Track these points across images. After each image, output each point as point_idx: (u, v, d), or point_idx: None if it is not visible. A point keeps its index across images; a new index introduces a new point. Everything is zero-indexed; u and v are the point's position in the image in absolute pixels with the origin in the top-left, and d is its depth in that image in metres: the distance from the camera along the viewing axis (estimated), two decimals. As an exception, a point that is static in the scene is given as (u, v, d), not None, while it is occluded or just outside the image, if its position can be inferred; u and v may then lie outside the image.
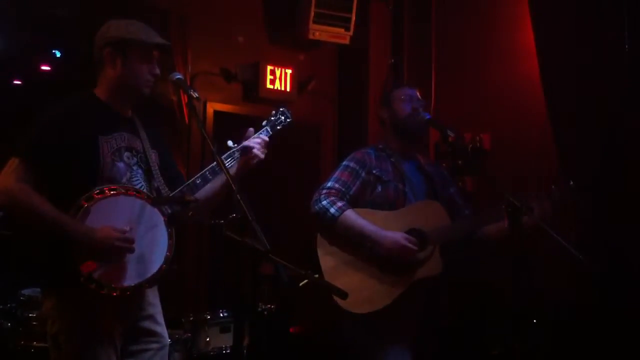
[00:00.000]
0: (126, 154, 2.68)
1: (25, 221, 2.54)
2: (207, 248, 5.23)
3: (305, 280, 2.46)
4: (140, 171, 2.71)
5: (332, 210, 3.16)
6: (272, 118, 3.06)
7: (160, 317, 2.79)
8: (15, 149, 2.54)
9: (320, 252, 3.20)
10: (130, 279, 2.55)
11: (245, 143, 2.85)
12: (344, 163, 3.34)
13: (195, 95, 2.66)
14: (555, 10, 4.46)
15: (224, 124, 5.43)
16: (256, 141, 2.86)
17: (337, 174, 3.30)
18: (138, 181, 2.69)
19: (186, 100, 4.68)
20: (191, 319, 4.22)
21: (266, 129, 3.00)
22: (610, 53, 4.19)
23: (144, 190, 2.67)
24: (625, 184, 4.07)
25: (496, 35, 5.32)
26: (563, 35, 4.41)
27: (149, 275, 2.59)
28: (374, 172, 3.28)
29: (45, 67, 4.94)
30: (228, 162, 2.82)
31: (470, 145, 5.28)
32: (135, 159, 2.70)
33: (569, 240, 2.83)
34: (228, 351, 4.20)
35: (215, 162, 2.66)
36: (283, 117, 3.09)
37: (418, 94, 3.43)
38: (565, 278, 4.19)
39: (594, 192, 4.04)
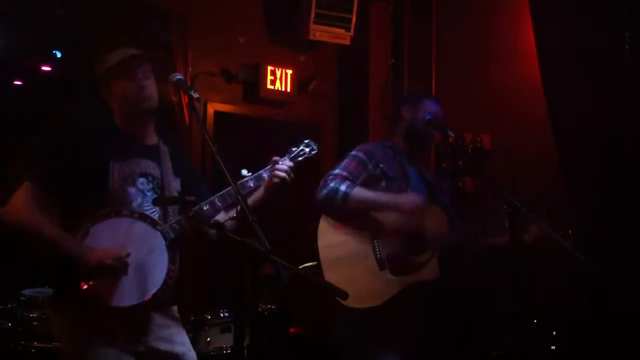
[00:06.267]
0: (140, 179, 2.70)
1: (30, 239, 2.62)
2: (207, 248, 5.23)
3: (302, 265, 2.45)
4: (154, 197, 2.72)
5: (342, 187, 3.12)
6: (294, 149, 2.97)
7: (178, 337, 2.78)
8: (26, 166, 2.61)
9: (320, 243, 3.18)
10: (126, 300, 2.57)
11: (262, 172, 2.84)
12: (352, 153, 3.31)
13: (196, 95, 2.64)
14: (556, 11, 4.47)
15: (225, 124, 5.43)
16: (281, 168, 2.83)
17: (345, 162, 3.26)
18: (149, 207, 2.70)
19: (186, 100, 4.65)
20: (192, 319, 4.23)
21: (286, 158, 2.91)
22: (610, 53, 4.19)
23: (156, 216, 2.69)
24: (625, 184, 4.07)
25: (496, 36, 5.32)
26: (563, 35, 4.41)
27: (144, 298, 2.60)
28: (381, 166, 3.27)
29: (45, 68, 4.94)
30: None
31: (471, 146, 5.28)
32: (150, 185, 2.72)
33: (569, 238, 2.83)
34: (228, 351, 4.20)
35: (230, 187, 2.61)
36: (308, 149, 2.98)
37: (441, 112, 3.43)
38: (565, 278, 4.19)
39: (594, 192, 4.04)
